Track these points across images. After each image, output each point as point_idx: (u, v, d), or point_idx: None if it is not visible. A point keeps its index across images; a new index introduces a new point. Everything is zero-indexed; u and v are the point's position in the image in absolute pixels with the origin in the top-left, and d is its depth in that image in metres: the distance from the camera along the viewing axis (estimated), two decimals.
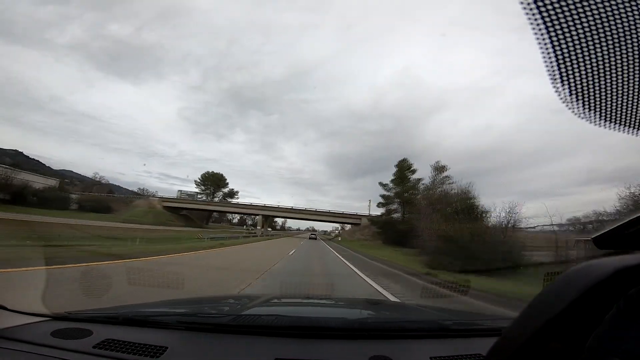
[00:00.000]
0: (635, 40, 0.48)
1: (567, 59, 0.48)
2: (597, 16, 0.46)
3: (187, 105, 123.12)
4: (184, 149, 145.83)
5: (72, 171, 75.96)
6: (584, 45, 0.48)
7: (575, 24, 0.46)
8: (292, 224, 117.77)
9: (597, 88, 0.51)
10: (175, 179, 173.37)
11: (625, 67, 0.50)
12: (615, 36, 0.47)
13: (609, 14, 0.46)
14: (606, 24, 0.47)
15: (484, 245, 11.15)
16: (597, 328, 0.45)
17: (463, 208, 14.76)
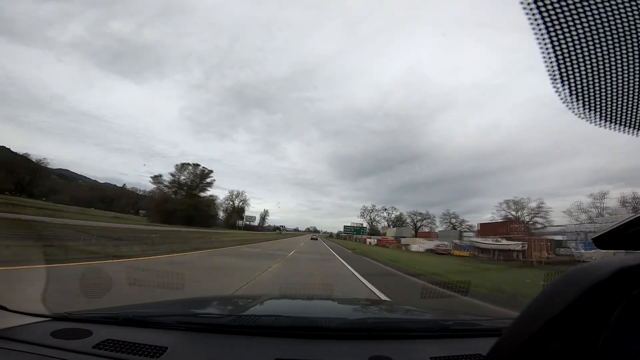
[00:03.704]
0: (635, 40, 0.48)
1: (567, 59, 0.48)
2: (597, 16, 0.46)
3: (190, 104, 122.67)
4: (186, 149, 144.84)
5: (68, 170, 73.63)
6: (584, 45, 0.48)
7: (575, 24, 0.46)
8: (289, 223, 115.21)
9: (597, 88, 0.51)
10: None
11: (625, 67, 0.50)
12: (615, 36, 0.47)
13: (609, 14, 0.46)
14: (606, 24, 0.47)
15: None
16: (605, 330, 0.45)
17: None
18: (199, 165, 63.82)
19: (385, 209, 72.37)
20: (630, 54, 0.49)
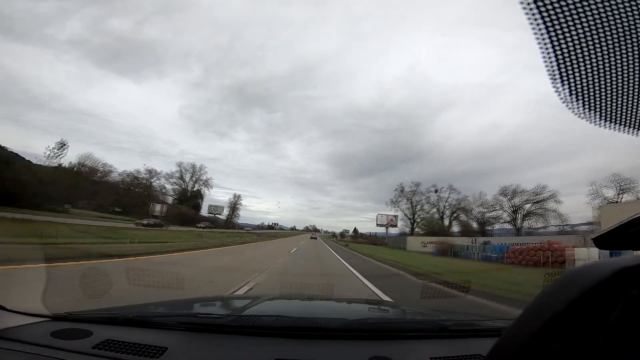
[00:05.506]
0: (635, 40, 0.48)
1: (567, 59, 0.48)
2: (597, 16, 0.46)
3: (189, 103, 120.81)
4: (185, 147, 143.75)
5: None
6: (584, 45, 0.48)
7: (575, 24, 0.46)
8: (289, 223, 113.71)
9: (597, 88, 0.51)
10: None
11: (625, 67, 0.50)
12: (615, 36, 0.47)
13: (609, 14, 0.46)
14: (606, 24, 0.46)
15: None
16: (605, 330, 0.45)
17: None
18: None
19: (436, 190, 38.08)
20: (630, 54, 0.49)
